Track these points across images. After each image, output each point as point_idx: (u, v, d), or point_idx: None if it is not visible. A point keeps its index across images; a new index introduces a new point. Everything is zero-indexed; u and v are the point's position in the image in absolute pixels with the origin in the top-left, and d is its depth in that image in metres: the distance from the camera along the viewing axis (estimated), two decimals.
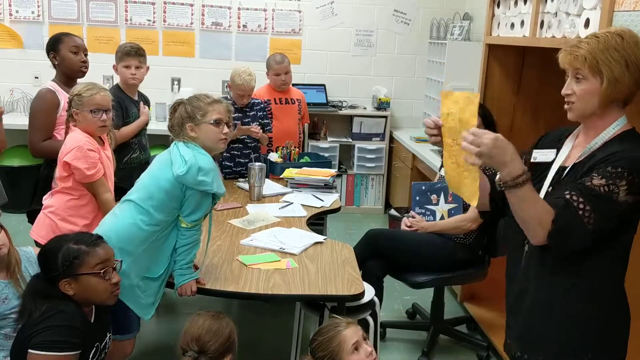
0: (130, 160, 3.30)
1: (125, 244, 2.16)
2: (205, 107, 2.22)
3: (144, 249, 2.19)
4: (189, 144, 2.20)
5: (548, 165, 1.74)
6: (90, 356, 1.91)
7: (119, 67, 3.36)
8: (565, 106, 1.67)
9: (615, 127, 1.62)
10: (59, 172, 2.57)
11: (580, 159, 1.65)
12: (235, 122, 3.72)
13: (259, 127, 3.68)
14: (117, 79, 3.48)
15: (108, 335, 2.07)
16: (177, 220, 2.22)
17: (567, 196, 1.56)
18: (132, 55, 3.34)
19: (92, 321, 1.98)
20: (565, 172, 1.68)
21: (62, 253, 1.89)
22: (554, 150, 1.75)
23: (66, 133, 2.65)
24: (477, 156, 1.50)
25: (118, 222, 2.21)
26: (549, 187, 1.70)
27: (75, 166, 2.49)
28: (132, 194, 2.26)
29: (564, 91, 1.66)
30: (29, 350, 1.79)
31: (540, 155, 1.73)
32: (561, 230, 1.54)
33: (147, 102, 3.55)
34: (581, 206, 1.53)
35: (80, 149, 2.50)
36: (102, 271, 1.92)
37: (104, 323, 2.08)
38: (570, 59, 1.61)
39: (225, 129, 2.25)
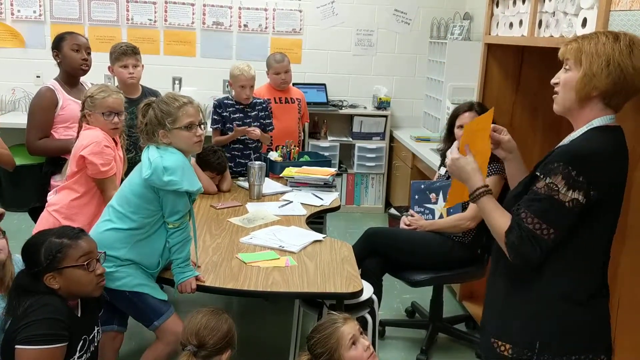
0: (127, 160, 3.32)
1: (108, 250, 2.18)
2: (174, 112, 2.17)
3: (128, 249, 2.21)
4: (159, 146, 2.19)
5: None
6: (78, 348, 1.93)
7: (116, 68, 3.36)
8: (553, 97, 1.70)
9: (590, 125, 1.62)
10: (70, 167, 2.59)
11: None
12: (236, 122, 3.74)
13: (256, 129, 3.69)
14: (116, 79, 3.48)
15: (96, 329, 2.08)
16: (160, 221, 2.24)
17: (516, 211, 1.62)
18: (129, 54, 3.34)
19: (78, 315, 2.00)
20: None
21: (44, 248, 1.89)
22: None
23: (78, 132, 2.67)
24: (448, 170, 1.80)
25: (97, 230, 2.24)
26: (520, 187, 1.74)
27: (90, 161, 2.52)
28: (113, 199, 2.30)
29: (552, 80, 1.70)
30: (16, 346, 1.79)
31: None
32: (512, 245, 1.60)
33: (156, 97, 3.55)
34: (529, 220, 1.57)
35: (98, 144, 2.53)
36: (85, 263, 1.93)
37: (92, 316, 2.09)
38: (563, 50, 1.66)
39: (199, 131, 2.22)
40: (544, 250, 1.58)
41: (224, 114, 3.73)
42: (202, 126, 2.25)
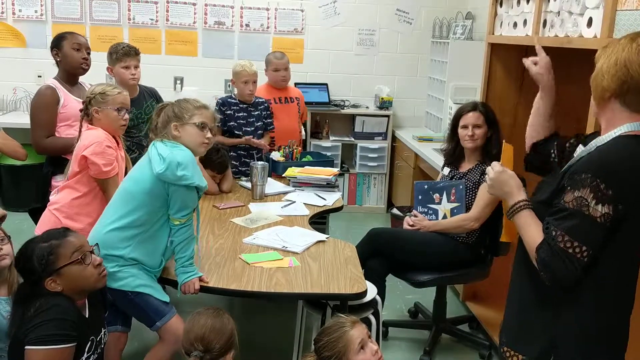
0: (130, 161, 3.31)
1: (111, 250, 2.18)
2: (193, 109, 2.25)
3: (132, 248, 2.20)
4: (166, 142, 2.21)
5: None
6: (86, 350, 1.92)
7: (117, 69, 3.35)
8: None
9: (618, 131, 1.54)
10: (72, 167, 2.59)
11: (573, 162, 1.61)
12: (240, 121, 3.73)
13: (262, 142, 3.72)
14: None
15: (103, 331, 2.08)
16: (163, 219, 2.23)
17: (546, 228, 1.55)
18: (131, 55, 3.34)
19: (86, 316, 1.99)
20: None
21: (35, 255, 1.88)
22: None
23: (80, 131, 2.66)
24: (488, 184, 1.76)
25: (100, 231, 2.24)
26: (545, 193, 1.69)
27: (92, 161, 2.51)
28: (114, 198, 2.29)
29: None
30: (26, 347, 1.78)
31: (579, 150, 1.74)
32: (543, 263, 1.54)
33: (154, 95, 3.55)
34: (560, 238, 1.50)
35: (100, 144, 2.52)
36: (80, 257, 1.92)
37: (99, 317, 2.09)
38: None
39: (209, 134, 2.27)
40: (578, 269, 1.50)
41: (228, 112, 3.72)
42: (213, 132, 2.30)
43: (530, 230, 1.61)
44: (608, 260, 1.54)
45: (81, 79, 3.25)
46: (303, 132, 4.56)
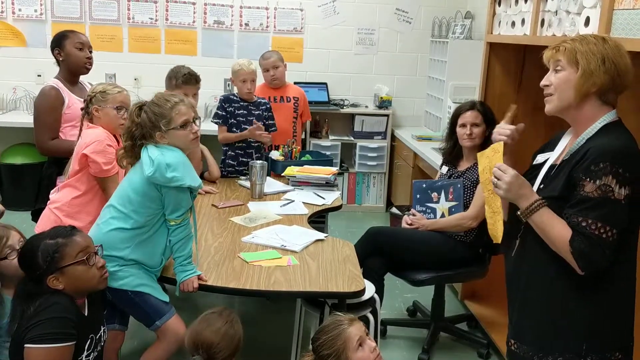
0: None
1: (112, 250, 2.19)
2: (167, 112, 2.16)
3: (132, 249, 2.21)
4: (158, 145, 2.19)
5: (542, 163, 1.82)
6: (86, 347, 1.93)
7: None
8: (545, 100, 1.74)
9: (602, 122, 1.68)
10: (73, 166, 2.60)
11: (567, 157, 1.71)
12: (240, 119, 3.73)
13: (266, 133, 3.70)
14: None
15: (102, 329, 2.09)
16: (162, 220, 2.24)
17: (571, 219, 1.63)
18: (192, 83, 3.33)
19: (85, 314, 2.00)
20: (554, 170, 1.74)
21: (40, 251, 1.89)
22: (552, 152, 1.83)
23: (80, 130, 2.66)
24: (499, 188, 1.73)
25: (100, 231, 2.24)
26: (540, 184, 1.77)
27: (93, 159, 2.52)
28: (113, 199, 2.29)
29: (542, 82, 1.74)
30: (25, 345, 1.79)
31: (541, 158, 1.86)
32: (582, 254, 1.61)
33: None
34: (593, 226, 1.59)
35: (100, 143, 2.53)
36: (85, 258, 1.93)
37: (98, 315, 2.10)
38: (552, 53, 1.71)
39: (195, 127, 2.22)
40: (612, 252, 1.61)
41: (229, 108, 3.72)
42: (197, 121, 2.25)
43: (555, 226, 1.66)
44: (628, 242, 1.67)
45: (81, 78, 3.26)
46: (297, 133, 4.46)
